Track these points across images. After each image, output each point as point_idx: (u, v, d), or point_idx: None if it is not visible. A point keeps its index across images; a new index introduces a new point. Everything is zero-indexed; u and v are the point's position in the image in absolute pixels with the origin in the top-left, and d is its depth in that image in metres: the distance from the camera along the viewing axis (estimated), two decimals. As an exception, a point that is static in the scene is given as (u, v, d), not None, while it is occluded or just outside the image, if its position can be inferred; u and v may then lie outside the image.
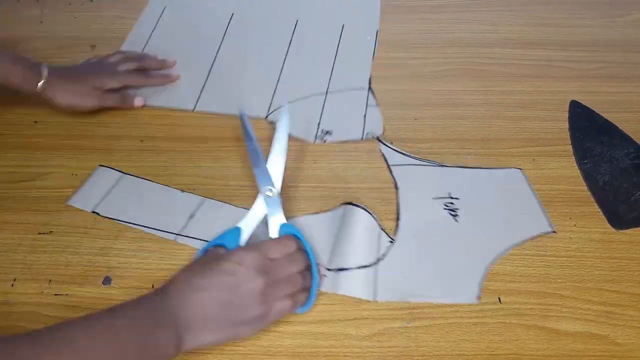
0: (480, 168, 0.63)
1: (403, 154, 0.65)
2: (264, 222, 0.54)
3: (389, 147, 0.66)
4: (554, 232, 0.58)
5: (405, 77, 0.75)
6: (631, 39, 0.80)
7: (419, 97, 0.72)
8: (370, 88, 0.73)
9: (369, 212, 0.58)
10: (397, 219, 0.59)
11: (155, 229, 0.58)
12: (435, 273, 0.55)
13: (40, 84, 0.64)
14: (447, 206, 0.60)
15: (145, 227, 0.58)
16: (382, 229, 0.57)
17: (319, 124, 0.68)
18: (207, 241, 0.55)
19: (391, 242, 0.57)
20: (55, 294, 0.53)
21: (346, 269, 0.54)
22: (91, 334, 0.42)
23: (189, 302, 0.45)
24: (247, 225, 0.53)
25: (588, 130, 0.67)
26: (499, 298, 0.52)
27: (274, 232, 0.53)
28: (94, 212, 0.59)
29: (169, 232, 0.58)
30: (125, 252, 0.56)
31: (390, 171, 0.63)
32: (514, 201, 0.60)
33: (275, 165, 0.56)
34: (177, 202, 0.60)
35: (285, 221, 0.54)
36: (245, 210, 0.56)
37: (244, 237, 0.53)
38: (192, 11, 0.86)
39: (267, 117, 0.69)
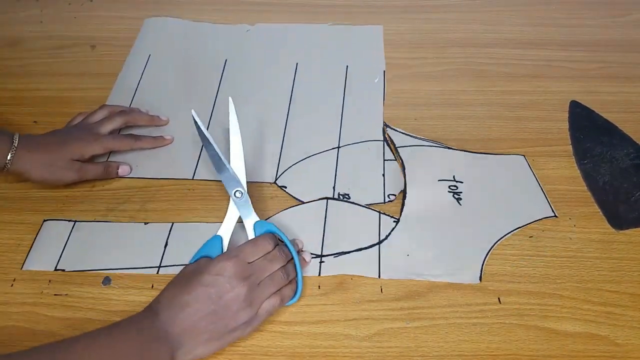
0: (485, 153, 0.64)
1: (410, 135, 0.66)
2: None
3: (395, 130, 0.67)
4: (556, 216, 0.58)
5: (405, 77, 0.75)
6: (631, 39, 0.80)
7: (419, 97, 0.72)
8: (385, 139, 0.66)
9: (353, 202, 0.60)
10: (403, 198, 0.60)
11: (134, 268, 0.55)
12: (438, 253, 0.56)
13: (8, 157, 0.56)
14: (451, 189, 0.61)
15: (122, 269, 0.55)
16: (380, 213, 0.59)
17: (334, 188, 0.61)
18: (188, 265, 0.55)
19: (395, 222, 0.58)
20: (55, 294, 0.53)
21: (346, 253, 0.56)
22: (91, 352, 0.43)
23: (177, 319, 0.45)
24: (226, 231, 0.53)
25: (588, 130, 0.67)
26: (499, 298, 0.52)
27: (250, 233, 0.54)
28: (58, 269, 0.55)
29: (150, 267, 0.55)
30: (125, 252, 0.56)
31: (398, 152, 0.64)
32: (517, 186, 0.62)
33: (238, 165, 0.55)
34: (145, 235, 0.58)
35: (258, 219, 0.54)
36: (215, 224, 0.56)
37: (225, 244, 0.53)
38: (181, 58, 0.78)
39: (275, 181, 0.62)
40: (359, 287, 0.53)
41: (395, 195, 0.61)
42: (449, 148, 0.65)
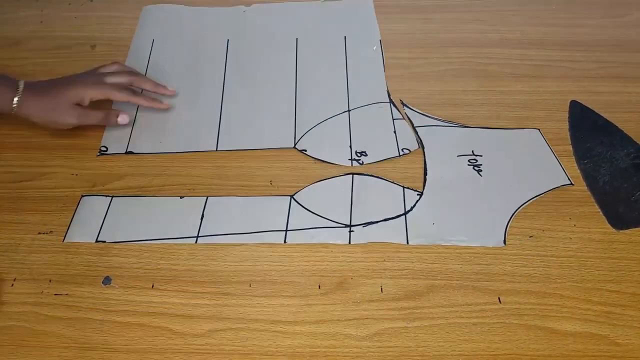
0: (501, 129, 0.67)
1: (428, 116, 0.68)
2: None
3: (413, 110, 0.69)
4: (572, 184, 0.61)
5: (405, 77, 0.75)
6: (631, 39, 0.80)
7: (419, 97, 0.72)
8: (391, 100, 0.71)
9: (377, 177, 0.62)
10: (425, 174, 0.62)
11: (173, 238, 0.57)
12: (463, 220, 0.58)
13: (15, 99, 0.60)
14: (470, 162, 0.63)
15: (161, 239, 0.57)
16: (403, 187, 0.61)
17: (350, 146, 0.66)
18: (227, 235, 0.57)
19: (419, 195, 0.60)
20: (55, 294, 0.53)
21: (374, 222, 0.58)
22: None
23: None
24: None
25: (588, 130, 0.67)
26: (499, 298, 0.52)
27: None
28: (99, 241, 0.57)
29: (188, 237, 0.57)
30: (125, 251, 0.56)
31: (416, 132, 0.67)
32: (533, 158, 0.64)
33: None
34: (181, 208, 0.60)
35: None
36: (252, 198, 0.56)
37: None
38: (184, 41, 0.81)
39: (295, 145, 0.66)
40: (359, 287, 0.53)
41: (409, 149, 0.65)
42: (465, 126, 0.67)
